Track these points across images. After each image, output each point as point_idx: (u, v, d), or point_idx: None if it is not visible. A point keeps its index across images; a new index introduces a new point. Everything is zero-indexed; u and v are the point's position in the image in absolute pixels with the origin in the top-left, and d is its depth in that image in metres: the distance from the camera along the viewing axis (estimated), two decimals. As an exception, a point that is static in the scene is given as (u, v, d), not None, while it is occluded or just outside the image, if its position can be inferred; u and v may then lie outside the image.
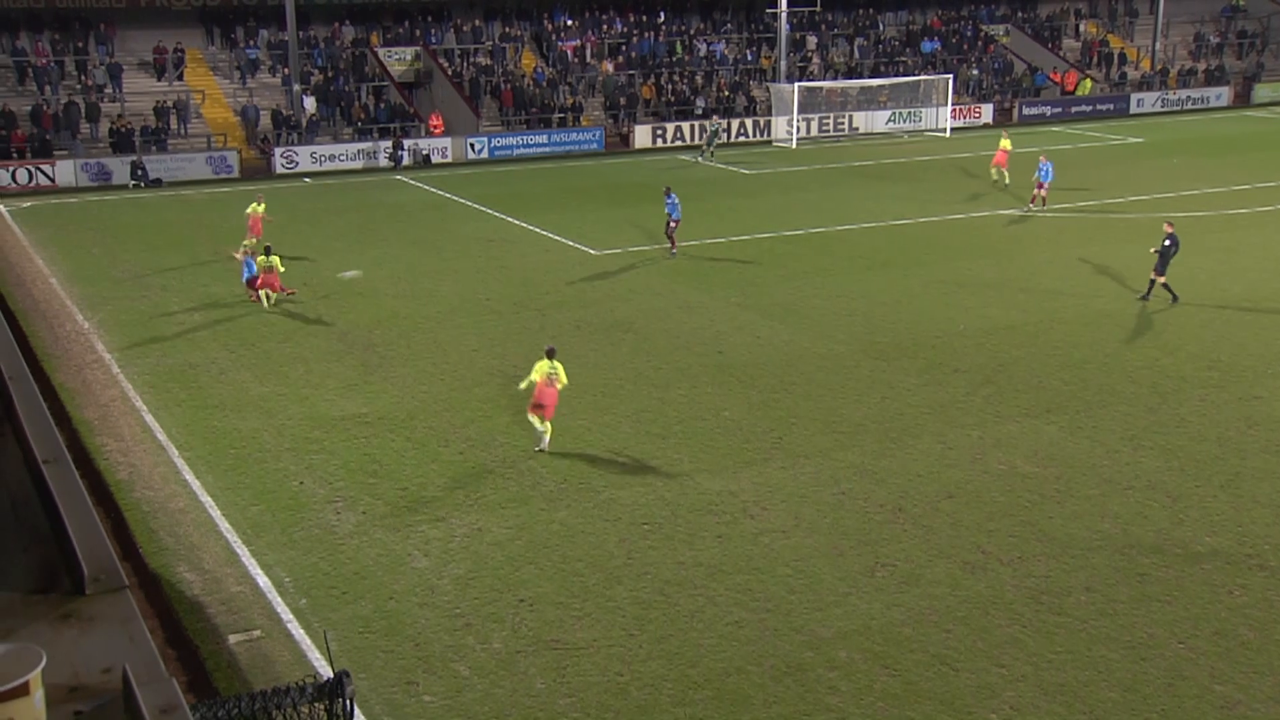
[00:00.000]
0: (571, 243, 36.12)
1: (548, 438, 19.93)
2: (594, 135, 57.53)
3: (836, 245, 35.31)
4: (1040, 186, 39.11)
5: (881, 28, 71.16)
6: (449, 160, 54.33)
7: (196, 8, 59.26)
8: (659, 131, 58.39)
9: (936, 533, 16.84)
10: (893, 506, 17.70)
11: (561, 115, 58.79)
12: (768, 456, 19.67)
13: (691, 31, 66.64)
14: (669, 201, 33.98)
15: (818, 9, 64.42)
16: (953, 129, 61.50)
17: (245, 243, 32.54)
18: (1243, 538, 16.53)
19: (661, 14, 66.98)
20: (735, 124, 59.78)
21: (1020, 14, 76.27)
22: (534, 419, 19.87)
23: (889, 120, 62.18)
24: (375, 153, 53.16)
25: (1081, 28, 76.90)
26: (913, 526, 17.05)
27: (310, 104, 55.33)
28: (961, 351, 24.90)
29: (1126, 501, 17.75)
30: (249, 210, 34.89)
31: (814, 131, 60.41)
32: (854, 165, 51.03)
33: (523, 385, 20.32)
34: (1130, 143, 56.82)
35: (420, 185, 48.05)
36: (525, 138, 56.43)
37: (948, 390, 22.63)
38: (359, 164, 52.76)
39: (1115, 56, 73.89)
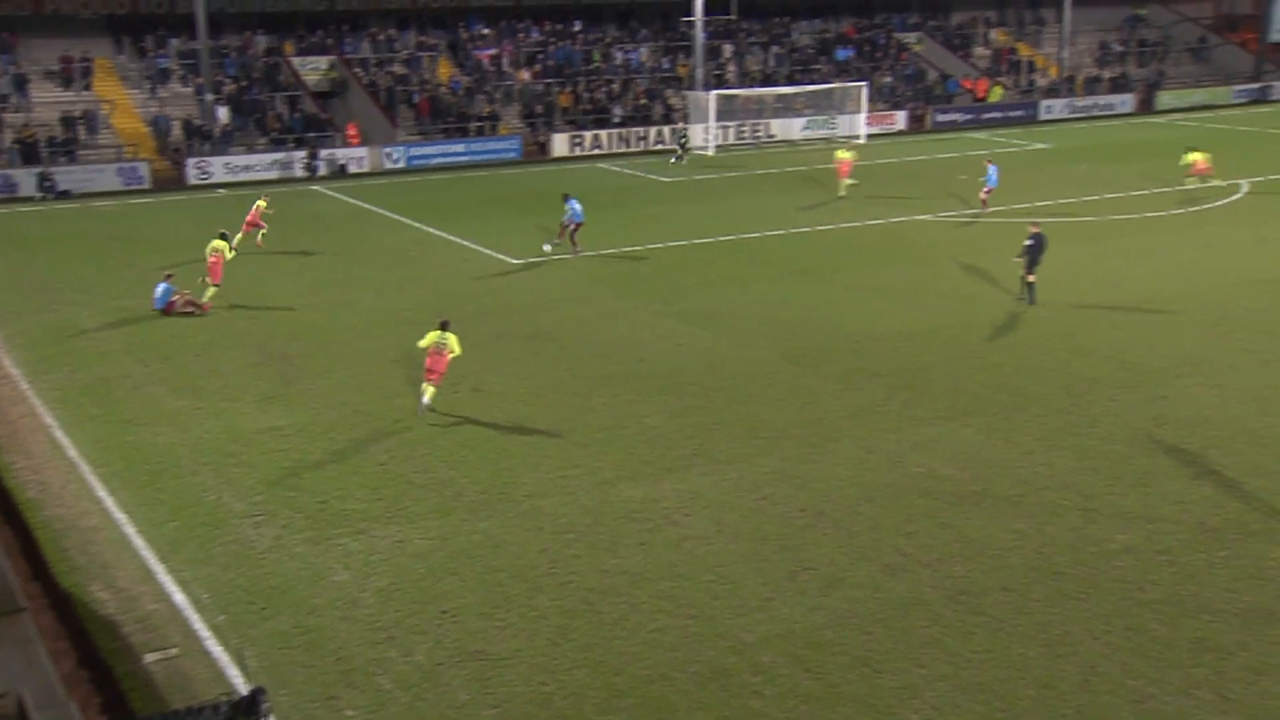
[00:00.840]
0: (491, 252, 35.98)
1: (425, 399, 21.87)
2: (512, 144, 57.39)
3: (755, 252, 35.55)
4: (985, 190, 39.98)
5: (796, 36, 71.85)
6: (366, 170, 53.88)
7: (104, 16, 58.17)
8: (577, 140, 58.40)
9: (857, 536, 17.00)
10: (814, 511, 17.84)
11: (479, 124, 58.57)
12: (689, 463, 19.73)
13: (608, 40, 66.77)
14: (570, 207, 34.68)
15: (733, 18, 64.85)
16: (868, 135, 62.23)
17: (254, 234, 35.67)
18: (1153, 535, 16.90)
19: (578, 22, 67.04)
20: (653, 132, 59.97)
21: (932, 22, 77.42)
22: (425, 384, 21.82)
23: (805, 127, 62.78)
24: (291, 163, 52.56)
25: (991, 36, 78.22)
26: (834, 530, 17.20)
27: (223, 114, 54.56)
28: (879, 356, 25.18)
29: (1042, 501, 18.06)
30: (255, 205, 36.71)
31: (731, 139, 60.79)
32: (771, 172, 51.44)
33: (421, 344, 22.02)
34: (1039, 149, 57.88)
35: (337, 195, 47.60)
36: (442, 147, 56.14)
37: (867, 394, 22.87)
38: (274, 174, 52.11)
39: (1024, 64, 75.29)
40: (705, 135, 58.81)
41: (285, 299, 30.82)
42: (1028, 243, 28.81)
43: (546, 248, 35.28)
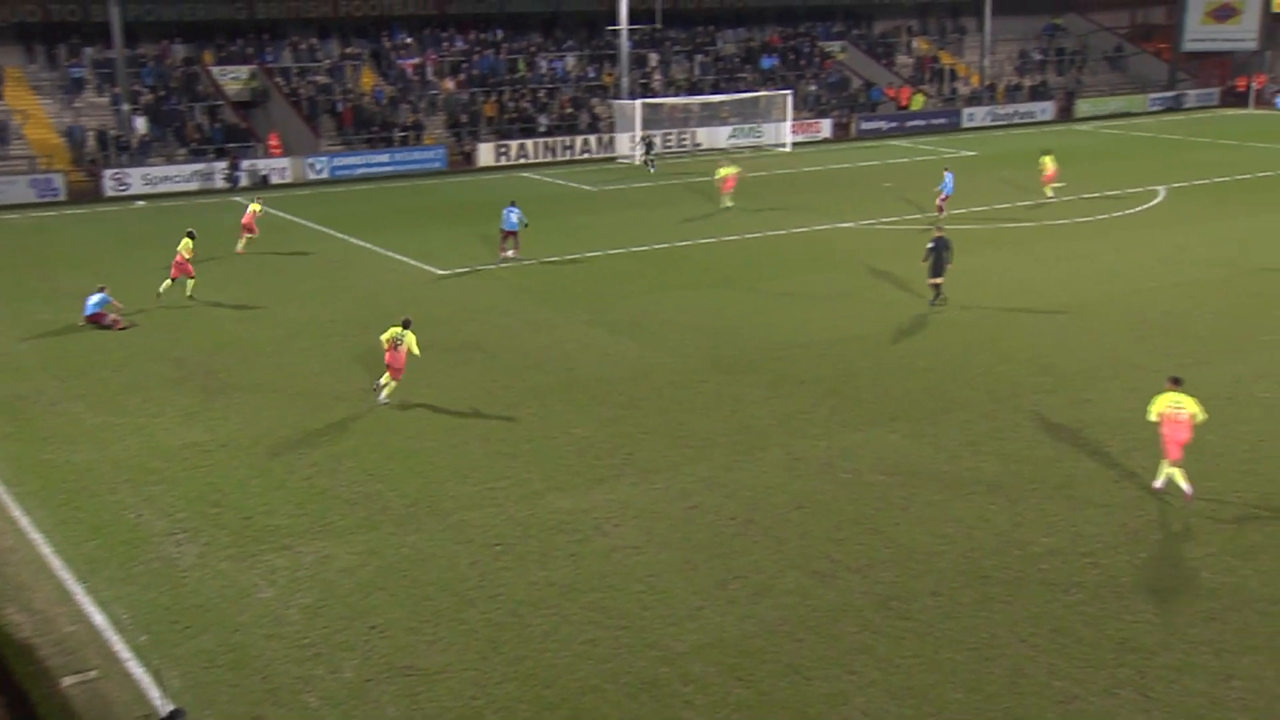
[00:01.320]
0: (416, 263, 35.77)
1: (384, 393, 23.07)
2: (436, 154, 57.13)
3: (682, 261, 35.68)
4: (942, 197, 40.73)
5: (721, 44, 72.29)
6: (288, 181, 53.33)
7: (14, 24, 57.05)
8: (502, 149, 58.27)
9: (787, 543, 17.11)
10: (743, 519, 17.93)
11: (403, 134, 58.25)
12: (619, 473, 19.74)
13: (533, 49, 66.73)
14: (512, 212, 35.38)
15: (658, 26, 65.15)
16: (793, 144, 62.77)
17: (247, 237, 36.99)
18: (1077, 537, 17.19)
19: (501, 31, 66.90)
20: (579, 141, 60.02)
21: (855, 31, 78.34)
22: (386, 377, 23.06)
23: (731, 136, 63.15)
24: (211, 174, 51.88)
25: (914, 45, 79.33)
26: (763, 538, 17.29)
27: (141, 124, 53.75)
28: (806, 363, 25.37)
29: (968, 506, 18.30)
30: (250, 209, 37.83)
31: (658, 147, 60.90)
32: (697, 181, 51.64)
33: (382, 337, 23.05)
34: (963, 156, 58.70)
35: (258, 206, 47.01)
36: (366, 157, 55.75)
37: (795, 401, 23.04)
38: (194, 185, 51.42)
39: (946, 72, 76.40)
40: (631, 144, 58.94)
41: (205, 311, 30.40)
42: (929, 246, 29.60)
43: (509, 253, 35.73)
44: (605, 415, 22.47)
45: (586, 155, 59.94)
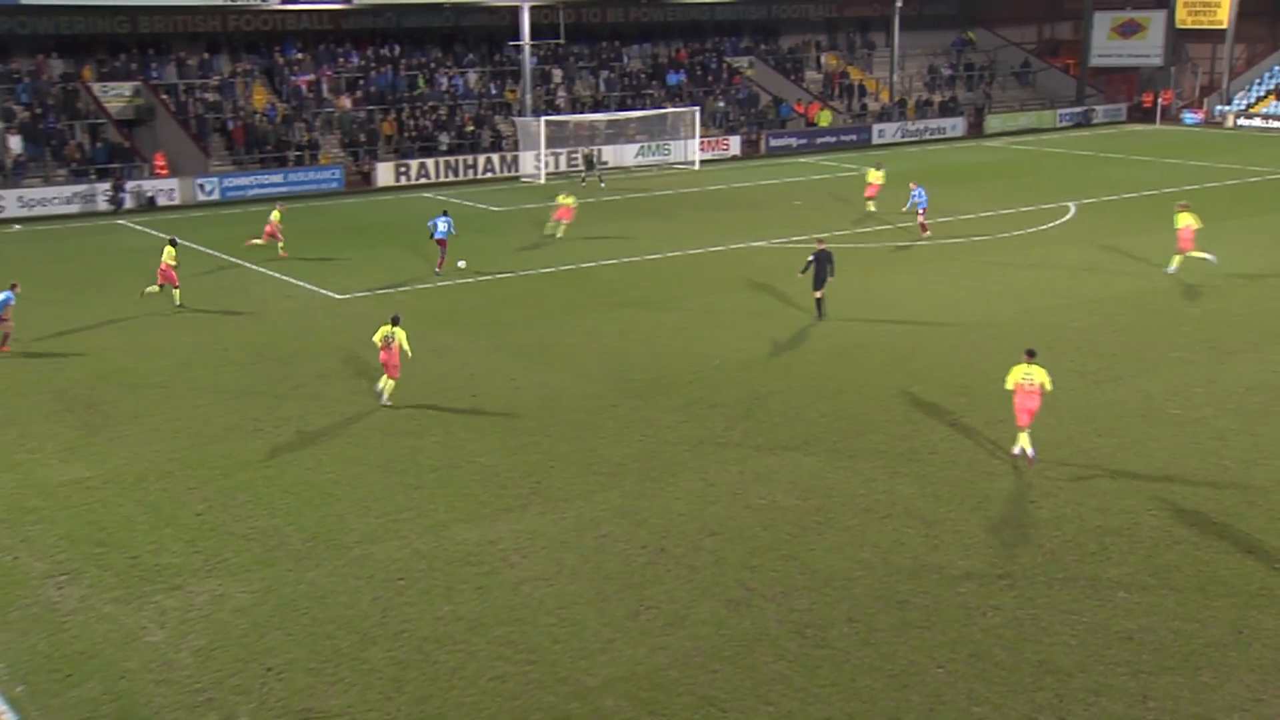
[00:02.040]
0: (314, 287, 35.39)
1: (386, 395, 24.37)
2: (333, 174, 56.65)
3: (590, 282, 35.74)
4: (920, 213, 41.11)
5: (626, 60, 72.68)
6: (176, 202, 52.51)
7: (-121, 39, 55.60)
8: (402, 169, 57.94)
9: (700, 572, 17.16)
10: (655, 547, 17.96)
11: (298, 153, 57.66)
12: (526, 502, 19.67)
13: (432, 65, 66.50)
14: (441, 220, 36.68)
15: (562, 42, 65.35)
16: (701, 161, 63.25)
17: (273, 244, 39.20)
18: (994, 559, 17.47)
19: (399, 47, 66.58)
20: (482, 160, 59.89)
21: (763, 46, 79.24)
22: (384, 378, 24.40)
23: (638, 153, 63.48)
24: (93, 195, 50.88)
25: (823, 60, 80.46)
26: (676, 566, 17.33)
27: (16, 143, 52.55)
28: (719, 386, 25.53)
29: (884, 529, 18.51)
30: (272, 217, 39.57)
31: (563, 166, 61.11)
32: (604, 200, 51.82)
33: (374, 338, 24.29)
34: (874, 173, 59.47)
35: (145, 230, 46.24)
36: (259, 177, 55.07)
37: (707, 426, 23.15)
38: (75, 208, 50.38)
39: (855, 88, 77.58)
40: (535, 163, 58.98)
41: (89, 341, 29.77)
42: (810, 259, 30.33)
43: (460, 264, 36.83)
44: (512, 443, 22.39)
45: (490, 174, 59.83)
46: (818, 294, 30.44)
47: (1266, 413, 23.29)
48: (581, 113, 65.46)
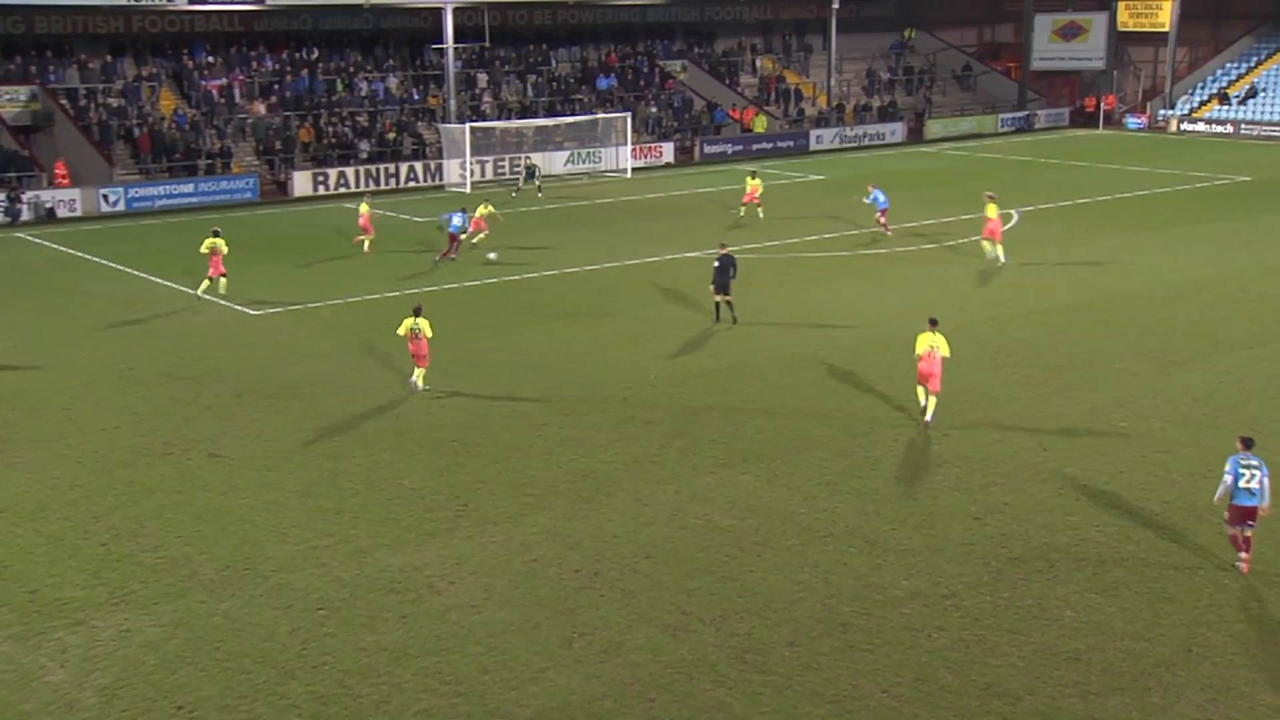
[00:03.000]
0: (227, 303, 35.03)
1: (420, 383, 26.10)
2: (247, 183, 56.15)
3: (519, 295, 35.68)
4: (880, 213, 43.06)
5: (555, 64, 72.77)
6: (78, 214, 51.78)
7: None
8: (320, 178, 57.56)
9: (635, 596, 17.16)
10: (588, 571, 17.94)
11: (209, 162, 57.10)
12: (453, 526, 19.58)
13: (351, 69, 66.14)
14: (457, 216, 40.25)
15: (487, 45, 65.28)
16: (634, 169, 63.42)
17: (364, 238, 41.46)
18: (938, 579, 17.64)
19: (316, 50, 66.17)
20: (404, 168, 59.67)
21: (697, 49, 79.69)
22: (417, 371, 26.09)
23: (568, 161, 63.54)
24: (-12, 206, 50.05)
25: (758, 64, 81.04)
26: (610, 591, 17.32)
27: (-95, 152, 51.63)
28: (653, 402, 25.58)
29: (826, 549, 18.62)
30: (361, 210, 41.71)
31: (489, 174, 61.02)
32: (533, 209, 51.78)
33: (399, 331, 26.07)
34: (811, 180, 60.10)
35: (44, 243, 45.54)
36: (168, 187, 54.45)
37: (641, 444, 23.18)
38: (-32, 220, 49.51)
39: (792, 92, 78.21)
40: (461, 171, 58.84)
41: (-15, 361, 29.27)
42: (715, 264, 31.33)
43: (491, 256, 39.80)
44: (438, 464, 22.28)
45: (413, 183, 59.60)
46: (719, 298, 31.56)
47: (1213, 424, 23.72)
48: (508, 119, 65.44)
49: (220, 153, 57.68)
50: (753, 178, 47.81)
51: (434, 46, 64.67)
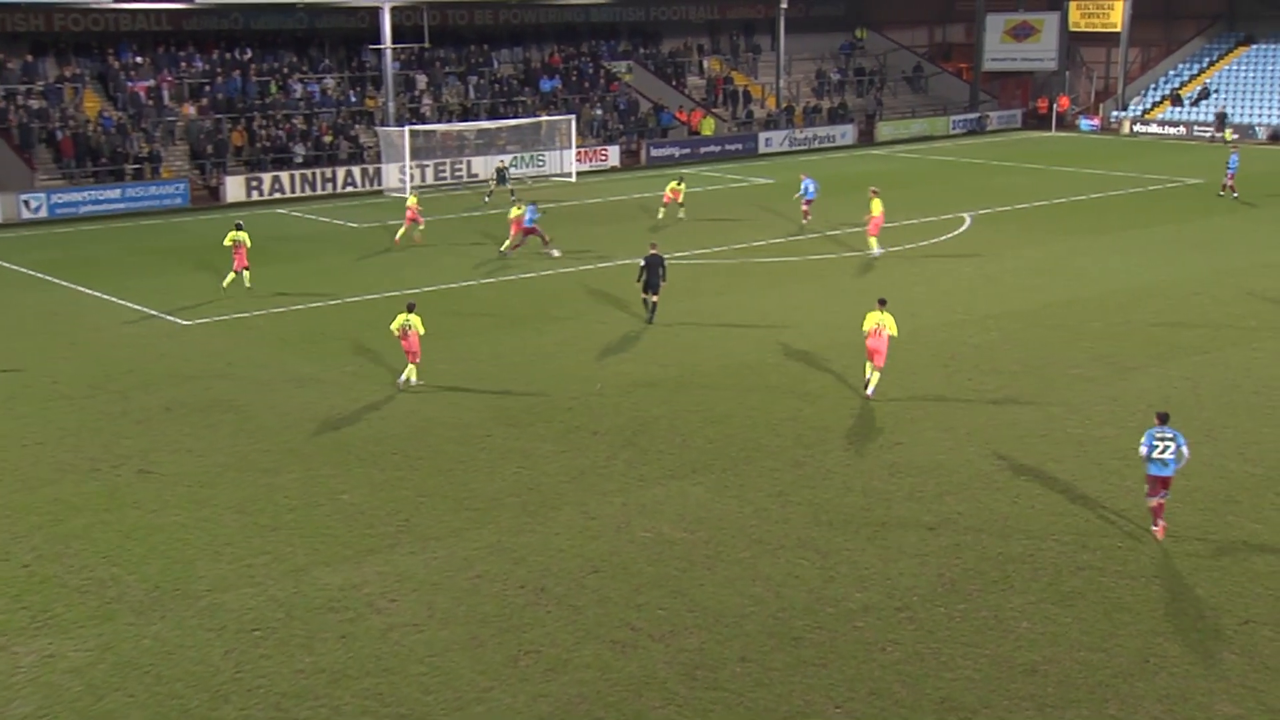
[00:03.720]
0: (157, 313, 34.71)
1: (411, 377, 27.08)
2: (178, 189, 55.64)
3: (461, 303, 35.58)
4: (805, 203, 45.96)
5: (496, 65, 72.68)
6: (-2, 221, 51.15)
7: None
8: (254, 183, 57.15)
9: (583, 612, 17.15)
10: (534, 587, 17.90)
11: (137, 166, 56.55)
12: (394, 542, 19.49)
13: (285, 70, 65.73)
14: (529, 210, 41.59)
15: (426, 45, 65.07)
16: (579, 173, 63.43)
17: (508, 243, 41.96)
18: (892, 591, 17.74)
19: (249, 50, 65.71)
20: (341, 173, 59.36)
21: (642, 50, 79.83)
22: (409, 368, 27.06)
23: (511, 165, 63.35)
24: (-96, 213, 49.32)
25: (705, 65, 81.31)
26: (557, 607, 17.29)
27: None
28: (600, 412, 25.58)
29: (777, 562, 18.69)
30: (513, 214, 41.88)
31: (430, 179, 60.81)
32: (475, 215, 51.66)
33: (392, 327, 27.08)
34: (759, 184, 60.32)
35: (-35, 251, 44.93)
36: (93, 193, 53.88)
37: (587, 455, 23.17)
38: (-118, 227, 48.79)
39: (740, 94, 78.54)
40: (400, 175, 58.62)
41: (-98, 375, 28.84)
42: (642, 264, 32.17)
43: (556, 253, 41.39)
44: (377, 478, 22.17)
45: (350, 188, 59.29)
46: (647, 297, 32.57)
47: (1169, 430, 24.03)
48: (449, 121, 65.24)
49: (149, 157, 57.11)
50: (678, 183, 49.23)
51: (371, 47, 64.40)
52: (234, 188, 56.68)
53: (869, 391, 26.08)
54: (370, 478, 22.22)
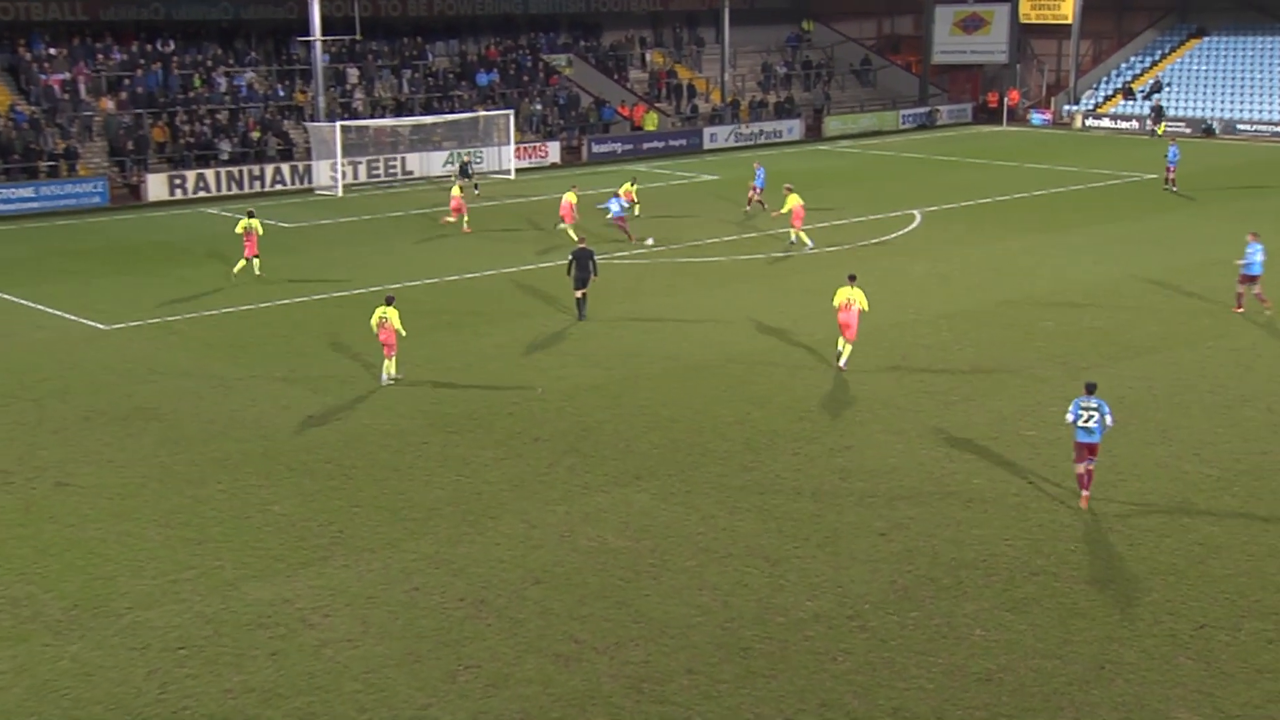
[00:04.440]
0: (74, 317, 34.31)
1: (391, 370, 27.58)
2: (96, 187, 55.02)
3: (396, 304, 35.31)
4: (758, 191, 48.19)
5: (431, 58, 72.44)
6: (-93, 221, 50.38)
7: None
8: (177, 180, 56.60)
9: (524, 625, 17.11)
10: (474, 599, 17.85)
11: (52, 164, 55.86)
12: (327, 554, 19.37)
13: (210, 62, 65.16)
14: (616, 202, 43.27)
15: (358, 38, 64.73)
16: (517, 170, 63.32)
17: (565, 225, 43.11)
18: (843, 599, 17.83)
19: (171, 42, 65.07)
20: (270, 170, 58.92)
21: (583, 43, 79.84)
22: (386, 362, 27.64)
23: (447, 162, 63.21)
24: None
25: (648, 58, 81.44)
26: (497, 620, 17.25)
27: None
28: (541, 417, 25.54)
29: (725, 570, 18.73)
30: (566, 198, 43.62)
31: (363, 177, 60.49)
32: (411, 214, 51.46)
33: (372, 321, 27.46)
34: (704, 180, 60.47)
35: None
36: (5, 192, 53.22)
37: (528, 462, 23.13)
38: None
39: (684, 88, 78.71)
40: (331, 173, 58.27)
41: None
42: (570, 259, 32.80)
43: (649, 242, 43.25)
44: (310, 487, 22.04)
45: (280, 186, 58.87)
46: (578, 293, 33.08)
47: (1124, 432, 24.26)
48: (382, 117, 64.94)
49: (65, 154, 56.43)
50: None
51: (300, 39, 63.98)
52: (156, 186, 56.10)
53: (842, 364, 28.09)
54: (301, 487, 22.07)
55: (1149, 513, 20.64)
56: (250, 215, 38.90)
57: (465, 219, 46.47)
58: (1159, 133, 72.50)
